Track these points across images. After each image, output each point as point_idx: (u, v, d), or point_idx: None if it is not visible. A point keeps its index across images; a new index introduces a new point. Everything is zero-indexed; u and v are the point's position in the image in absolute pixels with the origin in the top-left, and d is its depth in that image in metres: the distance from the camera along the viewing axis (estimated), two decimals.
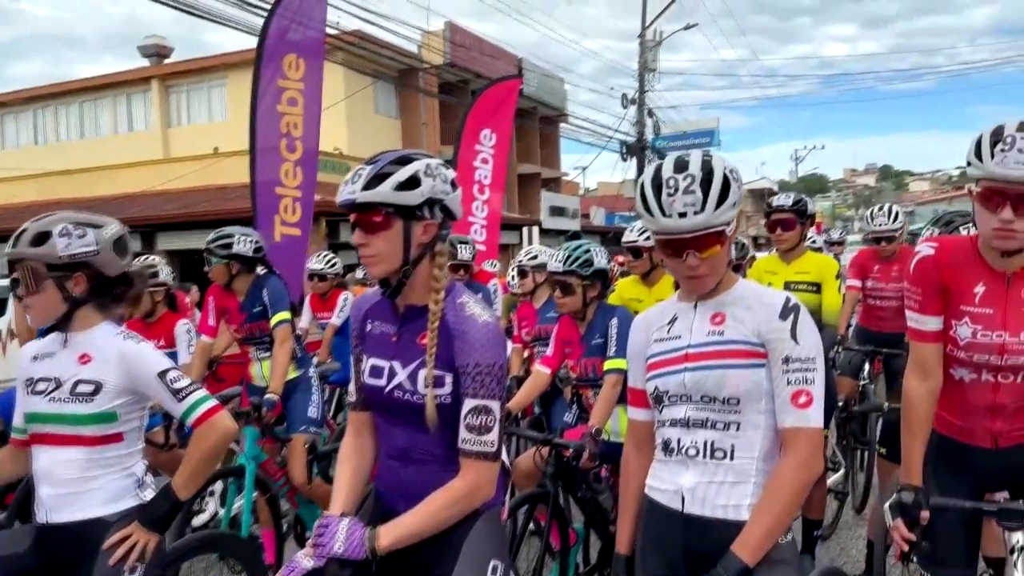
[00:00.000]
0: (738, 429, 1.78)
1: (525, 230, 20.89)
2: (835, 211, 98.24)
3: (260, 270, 4.36)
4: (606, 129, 25.45)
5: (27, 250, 2.16)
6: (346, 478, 2.00)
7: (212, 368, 6.49)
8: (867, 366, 5.27)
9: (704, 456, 1.80)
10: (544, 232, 23.37)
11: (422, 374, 1.85)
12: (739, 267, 5.22)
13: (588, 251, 3.49)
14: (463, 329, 1.83)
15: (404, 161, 1.86)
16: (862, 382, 5.24)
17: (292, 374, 4.31)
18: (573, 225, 29.13)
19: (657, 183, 1.78)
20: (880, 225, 5.26)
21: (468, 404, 1.82)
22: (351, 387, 2.07)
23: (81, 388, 2.17)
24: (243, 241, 4.23)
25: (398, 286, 1.89)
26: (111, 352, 2.19)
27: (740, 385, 1.77)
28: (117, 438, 2.22)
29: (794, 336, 1.75)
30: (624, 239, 4.29)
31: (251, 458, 4.03)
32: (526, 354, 5.43)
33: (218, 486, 4.43)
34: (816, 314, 4.06)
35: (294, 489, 4.22)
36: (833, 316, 4.00)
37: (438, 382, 1.84)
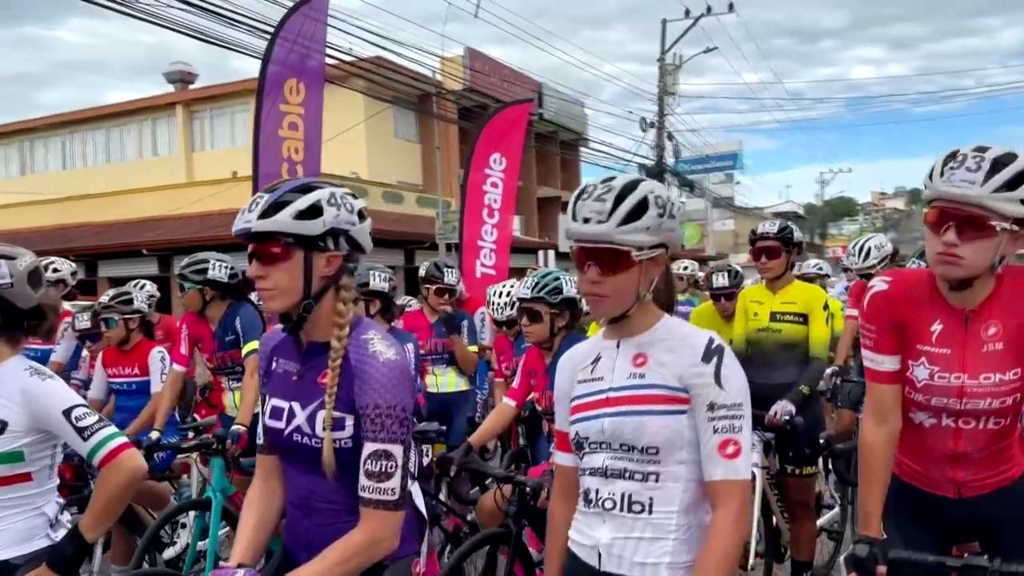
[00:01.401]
0: (657, 480, 1.64)
1: (541, 253, 20.80)
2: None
3: (235, 299, 4.28)
4: (625, 153, 25.37)
5: None
6: (248, 526, 1.88)
7: (204, 395, 6.44)
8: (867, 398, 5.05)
9: (621, 509, 1.66)
10: (561, 256, 23.25)
11: (321, 416, 1.73)
12: (733, 295, 5.04)
13: (557, 279, 3.36)
14: (364, 367, 1.72)
15: (305, 189, 1.76)
16: (861, 415, 5.02)
17: None
18: None
19: (581, 189, 1.71)
20: (853, 264, 5.08)
21: (368, 448, 1.70)
22: (259, 428, 1.95)
23: None
24: (218, 266, 4.16)
25: (299, 321, 1.79)
26: (16, 389, 2.09)
27: (659, 433, 1.63)
28: (25, 478, 2.12)
29: (718, 380, 1.61)
30: None
31: (218, 490, 3.93)
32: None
33: (191, 517, 4.33)
34: (803, 346, 3.90)
35: None
36: (820, 349, 3.82)
37: (338, 425, 1.72)
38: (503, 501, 3.17)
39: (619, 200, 1.64)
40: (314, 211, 1.72)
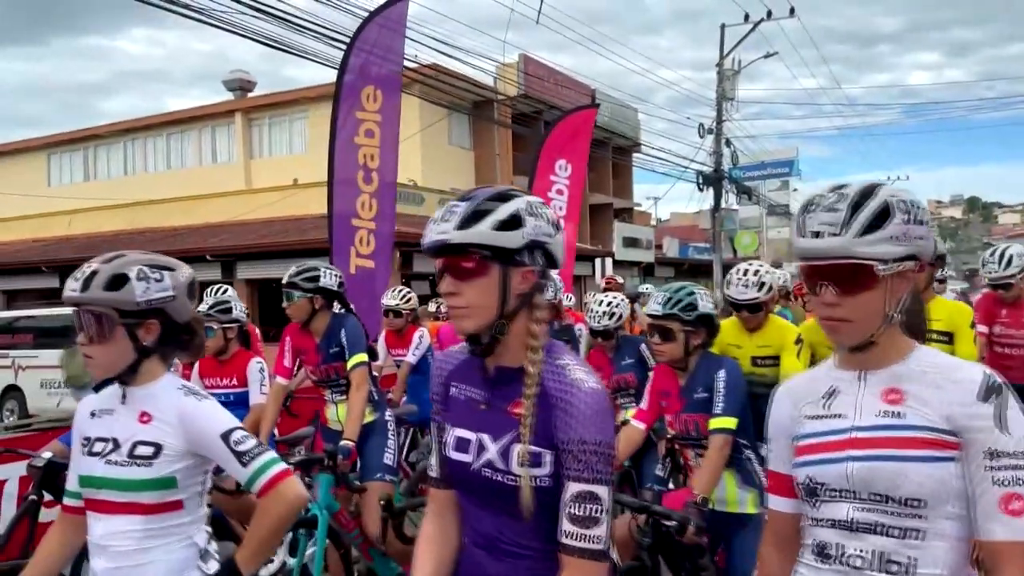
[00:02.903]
0: (920, 537, 1.43)
1: (598, 261, 20.59)
2: None
3: (338, 308, 4.17)
4: (682, 159, 25.00)
5: (101, 294, 1.94)
6: (426, 569, 1.73)
7: (286, 403, 6.36)
8: None
9: (873, 568, 1.46)
10: (617, 263, 22.97)
11: (516, 450, 1.57)
12: None
13: (692, 293, 3.15)
14: (565, 397, 1.55)
15: (504, 198, 1.60)
16: None
17: (368, 418, 4.10)
18: (647, 256, 28.61)
19: (807, 201, 1.53)
20: (991, 272, 4.77)
21: (571, 489, 1.53)
22: (432, 459, 1.80)
23: (140, 450, 1.96)
24: (328, 275, 4.04)
25: (490, 343, 1.62)
26: (171, 410, 1.99)
27: (924, 483, 1.42)
28: (177, 506, 2.00)
29: (1001, 424, 1.40)
30: (729, 294, 3.97)
31: (324, 507, 3.82)
32: None
33: (287, 536, 4.22)
34: None
35: (368, 541, 3.97)
36: None
37: (535, 461, 1.55)
38: (638, 533, 2.98)
39: (855, 208, 1.46)
40: (514, 222, 1.56)
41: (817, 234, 1.47)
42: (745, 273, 3.97)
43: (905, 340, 1.54)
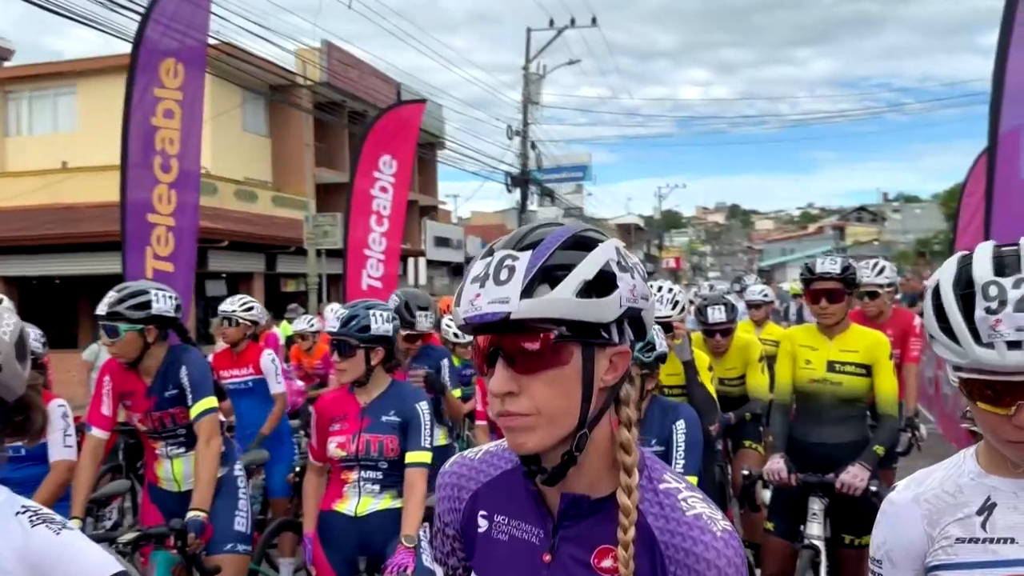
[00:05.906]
0: None
1: (411, 261, 19.95)
2: (691, 246, 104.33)
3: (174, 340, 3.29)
4: (489, 158, 25.05)
5: None
6: None
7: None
8: None
9: None
10: (429, 263, 22.45)
11: None
12: (729, 331, 4.62)
13: None
14: (688, 547, 1.02)
15: (584, 243, 1.04)
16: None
17: None
18: (457, 256, 28.35)
19: (966, 288, 1.12)
20: (864, 277, 4.80)
21: None
22: None
23: None
24: (162, 298, 3.13)
25: (564, 464, 1.05)
26: (8, 549, 1.22)
27: None
28: None
29: None
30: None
31: None
32: None
33: None
34: (864, 400, 3.50)
35: None
36: (890, 404, 3.42)
37: None
38: None
39: None
40: (605, 282, 1.01)
41: (1018, 344, 1.08)
42: (659, 290, 3.78)
43: None
